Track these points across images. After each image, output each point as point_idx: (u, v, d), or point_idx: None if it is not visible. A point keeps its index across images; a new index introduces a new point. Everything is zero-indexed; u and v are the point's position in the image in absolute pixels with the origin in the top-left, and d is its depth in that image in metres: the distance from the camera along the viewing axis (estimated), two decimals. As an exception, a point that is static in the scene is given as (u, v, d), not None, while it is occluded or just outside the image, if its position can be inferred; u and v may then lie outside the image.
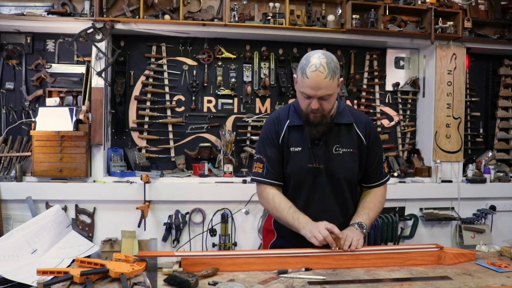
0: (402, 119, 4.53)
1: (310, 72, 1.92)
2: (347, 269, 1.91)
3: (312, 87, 1.94)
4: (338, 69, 1.97)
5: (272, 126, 2.21)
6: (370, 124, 2.21)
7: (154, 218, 3.87)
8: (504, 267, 1.95)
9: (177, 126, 4.18)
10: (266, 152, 2.20)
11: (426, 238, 4.25)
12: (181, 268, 1.85)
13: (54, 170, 3.68)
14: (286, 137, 2.16)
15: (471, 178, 4.31)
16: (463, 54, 4.28)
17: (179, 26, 3.85)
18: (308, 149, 2.13)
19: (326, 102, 1.98)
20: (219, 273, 1.84)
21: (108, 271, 1.74)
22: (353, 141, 2.15)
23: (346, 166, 2.14)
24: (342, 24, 3.97)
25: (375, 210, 2.20)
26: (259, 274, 1.83)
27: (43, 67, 3.93)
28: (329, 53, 1.98)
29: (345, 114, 2.15)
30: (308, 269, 1.88)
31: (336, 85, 1.98)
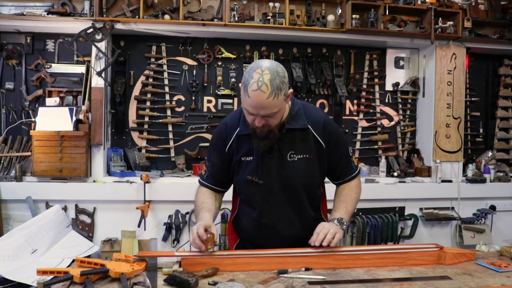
0: (402, 119, 4.53)
1: (252, 91, 1.76)
2: (347, 269, 1.90)
3: (254, 107, 1.81)
4: (284, 83, 1.81)
5: (219, 134, 2.12)
6: (328, 125, 2.08)
7: (154, 218, 3.87)
8: (504, 267, 1.95)
9: (177, 126, 4.17)
10: (210, 157, 2.17)
11: (426, 238, 4.25)
12: (181, 268, 1.85)
13: (54, 170, 3.68)
14: (235, 146, 2.07)
15: (471, 178, 4.31)
16: (463, 54, 4.28)
17: (179, 26, 3.85)
18: (256, 160, 2.04)
19: (271, 119, 1.86)
20: (219, 273, 1.83)
21: (108, 271, 1.74)
22: (309, 147, 2.04)
23: (301, 173, 2.05)
24: (342, 24, 3.97)
25: (352, 202, 2.15)
26: (259, 274, 1.83)
27: (43, 67, 3.92)
28: (274, 66, 1.81)
29: (299, 117, 2.03)
30: (308, 269, 1.87)
31: (281, 101, 1.83)
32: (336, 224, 2.01)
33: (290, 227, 2.06)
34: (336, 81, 4.27)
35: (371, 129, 4.50)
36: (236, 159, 2.08)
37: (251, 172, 2.05)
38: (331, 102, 4.38)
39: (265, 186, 2.06)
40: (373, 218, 4.00)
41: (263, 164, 2.03)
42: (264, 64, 1.81)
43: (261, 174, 2.04)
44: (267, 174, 2.04)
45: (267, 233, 2.10)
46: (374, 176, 4.28)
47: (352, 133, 4.45)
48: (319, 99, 4.37)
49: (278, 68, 1.82)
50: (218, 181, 2.17)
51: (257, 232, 2.16)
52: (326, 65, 4.29)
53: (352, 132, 4.45)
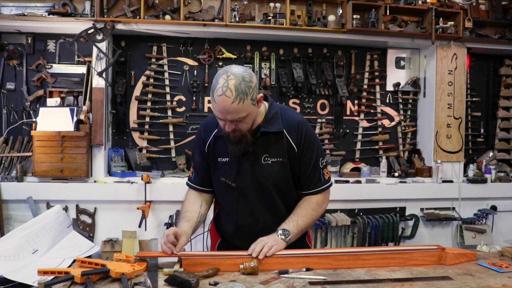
0: (403, 119, 4.53)
1: (217, 96, 1.79)
2: (347, 269, 1.90)
3: (220, 112, 1.83)
4: (251, 88, 1.82)
5: (200, 133, 2.17)
6: (302, 129, 2.06)
7: (155, 218, 3.87)
8: (505, 267, 1.95)
9: (177, 126, 4.17)
10: (194, 158, 2.20)
11: (427, 238, 4.25)
12: (182, 268, 1.85)
13: (55, 170, 3.68)
14: (212, 146, 2.09)
15: (472, 178, 4.30)
16: (463, 54, 4.28)
17: (180, 26, 3.85)
18: (232, 162, 2.06)
19: (241, 123, 1.88)
20: (220, 273, 1.83)
21: (109, 271, 1.74)
22: (283, 150, 2.04)
23: (276, 176, 2.05)
24: (343, 24, 3.97)
25: (307, 218, 2.07)
26: (260, 274, 1.83)
27: (44, 67, 3.93)
28: (240, 72, 1.82)
29: (275, 121, 2.03)
30: (309, 269, 1.87)
31: (248, 105, 1.83)
32: (279, 235, 1.98)
33: (266, 229, 2.03)
34: (337, 81, 4.26)
35: (372, 129, 4.49)
36: (213, 159, 2.10)
37: (226, 174, 2.07)
38: (331, 103, 4.38)
39: (239, 189, 2.07)
40: (373, 218, 4.00)
41: (238, 166, 2.05)
42: (231, 69, 1.83)
43: (236, 177, 2.06)
44: (241, 176, 2.06)
45: (244, 235, 2.09)
46: (375, 176, 4.28)
47: (353, 133, 4.45)
48: (320, 99, 4.37)
49: (245, 74, 1.83)
50: (204, 181, 2.17)
51: (234, 233, 2.17)
52: (327, 65, 4.28)
53: (352, 132, 4.45)
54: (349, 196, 4.04)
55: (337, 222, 3.90)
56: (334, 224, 3.90)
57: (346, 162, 4.37)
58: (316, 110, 4.36)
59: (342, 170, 4.30)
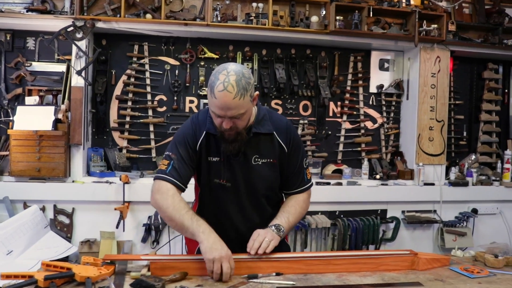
0: (386, 121, 4.52)
1: (218, 91, 1.79)
2: (318, 274, 1.90)
3: (221, 108, 1.82)
4: (250, 84, 1.84)
5: (192, 128, 2.06)
6: (290, 130, 2.13)
7: (134, 219, 3.83)
8: (476, 272, 1.96)
9: (158, 126, 4.13)
10: (179, 151, 2.02)
11: (408, 241, 4.25)
12: (149, 272, 1.83)
13: (32, 169, 3.62)
14: (204, 143, 2.04)
15: (453, 181, 4.31)
16: (447, 57, 4.28)
17: (161, 25, 3.81)
18: (223, 161, 2.04)
19: (239, 121, 1.88)
20: (188, 277, 1.83)
21: (74, 275, 1.71)
22: (274, 151, 2.08)
23: (266, 177, 2.09)
24: (326, 25, 3.95)
25: (296, 215, 2.13)
26: None
27: (23, 65, 3.86)
28: (240, 68, 1.84)
29: (264, 122, 2.06)
30: (279, 274, 1.87)
31: (248, 102, 1.86)
32: (273, 230, 2.01)
33: (252, 229, 2.03)
34: (319, 83, 4.24)
35: (354, 131, 4.47)
36: (204, 158, 2.07)
37: (217, 173, 2.06)
38: (314, 104, 4.35)
39: (231, 189, 2.07)
40: (354, 220, 3.99)
41: (229, 166, 2.05)
42: (230, 66, 1.85)
43: (227, 176, 2.06)
44: (232, 176, 2.06)
45: (232, 236, 2.08)
46: (356, 178, 4.27)
47: (335, 135, 4.43)
48: (303, 100, 4.35)
49: (244, 70, 1.86)
50: (183, 177, 2.01)
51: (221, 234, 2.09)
52: (310, 66, 4.26)
53: (335, 134, 4.42)
54: (330, 198, 4.02)
55: (317, 224, 3.88)
56: (314, 226, 3.89)
57: (328, 163, 4.36)
58: (298, 111, 4.33)
59: (324, 172, 4.28)
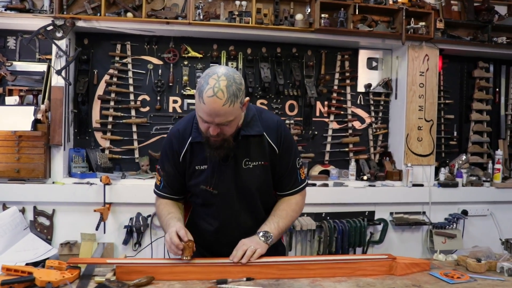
0: (374, 121, 4.45)
1: (207, 97, 1.71)
2: (291, 279, 1.84)
3: (209, 114, 1.75)
4: (241, 90, 1.77)
5: (171, 142, 2.04)
6: (281, 130, 2.03)
7: (115, 220, 3.78)
8: (456, 278, 1.89)
9: (141, 126, 4.07)
10: (164, 166, 2.09)
11: (396, 243, 4.17)
12: (114, 277, 1.78)
13: (11, 170, 3.57)
14: (189, 154, 2.00)
15: (443, 182, 4.23)
16: (435, 55, 4.20)
17: (142, 24, 3.76)
18: (211, 168, 1.98)
19: (227, 127, 1.81)
20: (155, 282, 1.78)
21: (34, 279, 1.66)
22: (264, 153, 2.00)
23: (257, 180, 2.01)
24: (311, 23, 3.88)
25: (287, 219, 2.05)
26: (196, 283, 1.77)
27: (3, 65, 3.82)
28: (231, 73, 1.77)
29: (254, 124, 1.98)
30: (250, 279, 1.81)
31: (237, 109, 1.79)
32: (260, 238, 1.95)
33: (247, 234, 1.99)
34: (305, 82, 4.17)
35: (342, 131, 4.40)
36: (191, 168, 2.01)
37: (205, 181, 1.99)
38: (300, 103, 4.29)
39: (221, 195, 2.01)
40: (340, 222, 3.92)
41: (219, 172, 1.98)
42: (220, 70, 1.76)
43: (216, 183, 1.99)
44: (222, 182, 1.99)
45: (225, 241, 2.03)
46: (343, 179, 4.20)
47: (322, 135, 4.36)
48: (288, 100, 4.28)
49: (235, 75, 1.78)
50: (175, 190, 2.11)
51: (214, 239, 2.11)
52: (295, 65, 4.19)
53: (322, 134, 4.35)
54: (316, 199, 3.94)
55: (302, 227, 3.81)
56: (299, 229, 3.82)
57: (315, 164, 4.29)
58: (284, 111, 4.27)
59: (310, 173, 4.21)
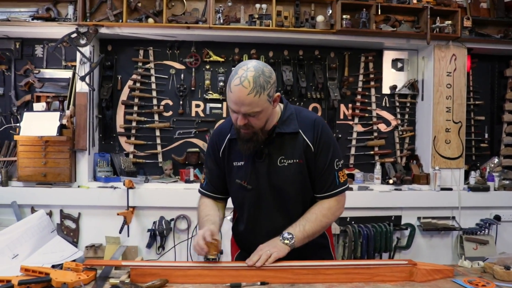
0: (400, 123, 4.33)
1: (234, 85, 1.75)
2: (306, 284, 1.77)
3: (235, 102, 1.77)
4: (269, 83, 1.77)
5: (213, 139, 2.10)
6: (318, 127, 1.97)
7: (139, 224, 3.82)
8: (481, 286, 1.76)
9: (164, 131, 4.11)
10: (207, 163, 2.14)
11: (424, 249, 4.04)
12: (128, 279, 1.79)
13: (39, 175, 3.68)
14: (227, 150, 2.02)
15: (473, 186, 4.07)
16: (463, 54, 4.06)
17: (163, 29, 3.80)
18: (247, 164, 1.97)
19: (254, 119, 1.81)
20: (168, 284, 1.76)
21: (50, 280, 1.69)
22: (299, 151, 1.94)
23: (292, 178, 1.95)
24: (332, 25, 3.83)
25: (316, 224, 1.95)
26: (210, 287, 1.74)
27: (32, 72, 3.94)
28: (261, 66, 1.79)
29: (290, 122, 1.95)
30: (264, 283, 1.76)
31: (264, 101, 1.78)
32: (281, 239, 1.88)
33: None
34: (329, 84, 4.11)
35: (366, 134, 4.31)
36: (228, 164, 2.03)
37: (241, 177, 1.99)
38: (324, 106, 4.23)
39: (255, 192, 1.98)
40: (365, 227, 3.83)
41: (254, 169, 1.96)
42: (251, 62, 1.80)
43: (251, 179, 1.97)
44: (257, 179, 1.97)
45: (263, 241, 1.96)
46: (369, 183, 4.10)
47: (347, 138, 4.28)
48: (312, 103, 4.23)
49: (265, 68, 1.79)
50: (218, 188, 2.12)
51: (252, 240, 2.05)
52: (318, 67, 4.14)
53: (346, 137, 4.28)
54: (340, 203, 3.86)
55: (325, 231, 3.74)
56: (322, 233, 3.74)
57: (339, 168, 4.20)
58: (309, 114, 4.21)
59: (334, 177, 4.13)
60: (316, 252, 2.01)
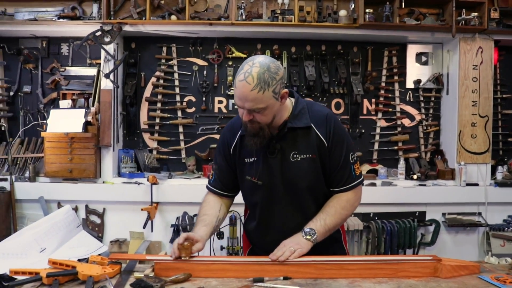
0: (425, 118, 4.26)
1: (238, 81, 1.75)
2: (329, 279, 1.76)
3: (239, 98, 1.77)
4: (274, 79, 1.75)
5: (224, 135, 2.10)
6: (331, 122, 1.95)
7: (163, 219, 3.86)
8: (509, 282, 1.71)
9: (187, 127, 4.15)
10: (216, 159, 2.13)
11: (449, 246, 3.98)
12: (153, 273, 1.81)
13: (65, 170, 3.75)
14: (239, 147, 2.01)
15: (500, 182, 3.99)
16: (490, 47, 3.96)
17: (186, 26, 3.82)
18: (259, 160, 1.96)
19: (259, 115, 1.80)
20: (192, 279, 1.77)
21: (77, 273, 1.72)
22: (312, 145, 1.93)
23: (305, 173, 1.94)
24: (355, 19, 3.78)
25: (336, 217, 1.95)
26: (233, 281, 1.74)
27: (58, 70, 4.02)
28: (267, 62, 1.77)
29: (302, 116, 1.94)
30: (287, 278, 1.76)
31: (269, 97, 1.76)
32: (304, 235, 1.87)
33: (297, 230, 1.93)
34: (352, 79, 4.08)
35: (390, 129, 4.26)
36: (240, 161, 2.02)
37: (252, 173, 1.99)
38: (347, 101, 4.19)
39: (267, 188, 1.98)
40: (389, 223, 3.79)
41: (266, 165, 1.96)
42: (257, 58, 1.78)
43: (263, 175, 1.97)
44: (269, 175, 1.97)
45: (276, 238, 1.97)
46: (392, 178, 4.05)
47: (370, 133, 4.24)
48: (335, 98, 4.20)
49: (271, 64, 1.77)
50: (225, 185, 2.11)
51: (264, 237, 2.08)
52: (341, 62, 4.11)
53: (369, 132, 4.24)
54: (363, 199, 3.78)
55: (349, 227, 3.72)
56: (346, 229, 3.72)
57: (363, 163, 4.16)
58: (330, 109, 4.14)
59: (357, 172, 4.10)
60: (328, 246, 1.98)
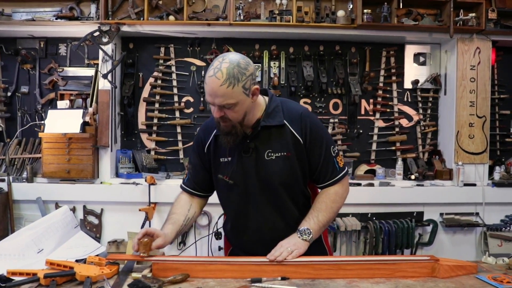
0: (422, 118, 4.27)
1: (208, 77, 1.76)
2: (327, 279, 1.77)
3: (209, 94, 1.77)
4: (244, 75, 1.76)
5: (199, 134, 2.12)
6: (306, 119, 1.96)
7: (161, 220, 3.84)
8: (506, 282, 1.73)
9: (185, 127, 4.14)
10: (191, 159, 2.16)
11: (447, 246, 3.98)
12: (151, 273, 1.81)
13: (62, 171, 3.75)
14: (213, 146, 2.02)
15: (498, 182, 4.00)
16: (488, 48, 3.97)
17: (184, 26, 3.82)
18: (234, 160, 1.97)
19: (230, 112, 1.80)
20: (190, 279, 1.77)
21: (74, 274, 1.72)
22: (287, 144, 1.94)
23: (281, 172, 1.94)
24: (353, 19, 3.79)
25: (327, 211, 1.96)
26: (231, 281, 1.75)
27: (56, 71, 4.02)
28: (237, 58, 1.78)
29: (275, 114, 1.94)
30: (285, 279, 1.77)
31: (239, 93, 1.77)
32: (299, 236, 1.89)
33: (274, 229, 1.96)
34: (349, 80, 4.08)
35: (388, 129, 4.27)
36: (215, 160, 2.02)
37: (224, 172, 1.99)
38: (345, 102, 4.20)
39: (242, 187, 1.98)
40: (387, 223, 3.79)
41: (241, 164, 1.96)
42: (228, 55, 1.80)
43: (236, 174, 1.97)
44: (244, 174, 1.96)
45: (253, 238, 2.02)
46: (390, 179, 4.06)
47: (368, 134, 4.24)
48: (332, 98, 4.21)
49: (241, 60, 1.78)
50: (199, 184, 2.12)
51: (241, 237, 2.09)
52: (339, 63, 4.11)
53: (367, 132, 4.24)
54: (361, 199, 3.84)
55: (347, 227, 3.72)
56: (344, 229, 3.73)
57: (361, 164, 4.18)
58: (328, 109, 4.19)
59: (356, 172, 4.11)
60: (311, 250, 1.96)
